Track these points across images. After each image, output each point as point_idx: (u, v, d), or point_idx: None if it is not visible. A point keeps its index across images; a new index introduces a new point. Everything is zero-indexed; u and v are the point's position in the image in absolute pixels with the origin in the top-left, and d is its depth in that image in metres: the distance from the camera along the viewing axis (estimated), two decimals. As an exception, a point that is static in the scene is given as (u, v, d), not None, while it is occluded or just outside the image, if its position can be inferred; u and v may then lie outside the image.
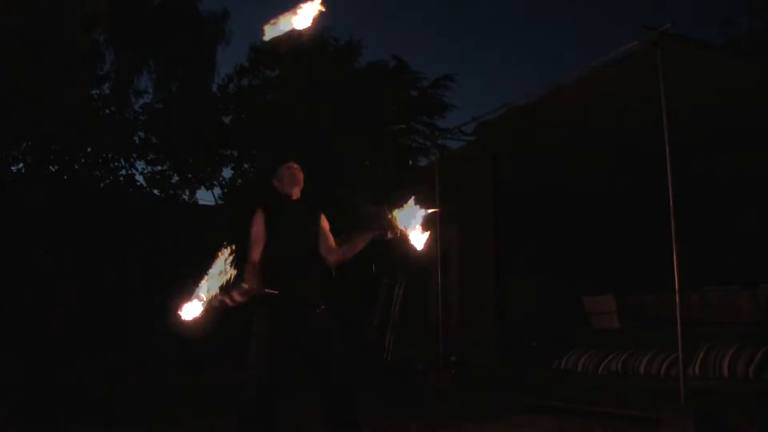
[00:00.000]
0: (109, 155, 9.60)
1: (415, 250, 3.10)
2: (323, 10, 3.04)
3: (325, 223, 3.44)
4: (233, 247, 3.03)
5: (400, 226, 3.10)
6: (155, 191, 10.11)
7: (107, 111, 9.98)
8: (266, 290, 3.09)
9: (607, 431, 4.66)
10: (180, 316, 2.97)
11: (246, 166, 11.34)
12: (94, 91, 9.75)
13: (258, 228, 3.29)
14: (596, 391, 5.13)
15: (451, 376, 7.04)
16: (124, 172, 9.78)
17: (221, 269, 2.99)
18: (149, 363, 7.64)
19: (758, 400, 4.09)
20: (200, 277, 3.00)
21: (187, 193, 10.36)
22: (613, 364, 5.45)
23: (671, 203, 4.49)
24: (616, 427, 4.68)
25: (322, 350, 3.19)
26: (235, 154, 11.17)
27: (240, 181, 11.32)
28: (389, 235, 3.12)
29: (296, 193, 3.41)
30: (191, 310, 2.97)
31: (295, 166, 3.46)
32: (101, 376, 7.14)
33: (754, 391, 4.21)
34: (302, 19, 3.09)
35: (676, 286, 4.41)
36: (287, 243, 3.28)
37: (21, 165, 9.01)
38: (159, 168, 10.13)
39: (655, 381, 4.98)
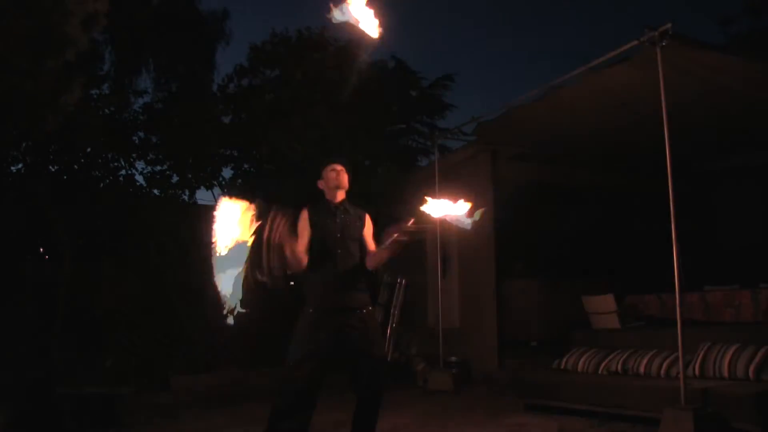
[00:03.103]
0: (109, 155, 9.59)
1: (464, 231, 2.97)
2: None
3: (368, 225, 3.42)
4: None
5: (421, 224, 3.02)
6: (155, 191, 10.11)
7: (107, 111, 9.97)
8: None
9: (607, 431, 4.67)
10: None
11: (246, 166, 11.34)
12: (93, 91, 9.74)
13: (303, 225, 3.29)
14: (596, 391, 5.13)
15: (451, 376, 7.04)
16: (123, 172, 9.78)
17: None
18: (150, 362, 7.64)
19: (758, 400, 4.09)
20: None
21: (187, 193, 10.35)
22: (613, 364, 5.45)
23: (671, 203, 4.49)
24: (616, 427, 4.68)
25: (363, 353, 3.20)
26: (235, 154, 11.17)
27: (240, 181, 11.32)
28: (409, 239, 3.08)
29: (340, 195, 3.38)
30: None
31: (339, 167, 3.40)
32: (102, 376, 7.14)
33: (754, 391, 4.21)
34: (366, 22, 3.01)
35: (676, 286, 4.41)
36: (330, 246, 3.27)
37: (21, 165, 9.01)
38: (159, 168, 10.13)
39: (655, 381, 4.98)
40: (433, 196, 3.00)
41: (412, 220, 3.05)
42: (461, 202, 2.91)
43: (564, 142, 7.21)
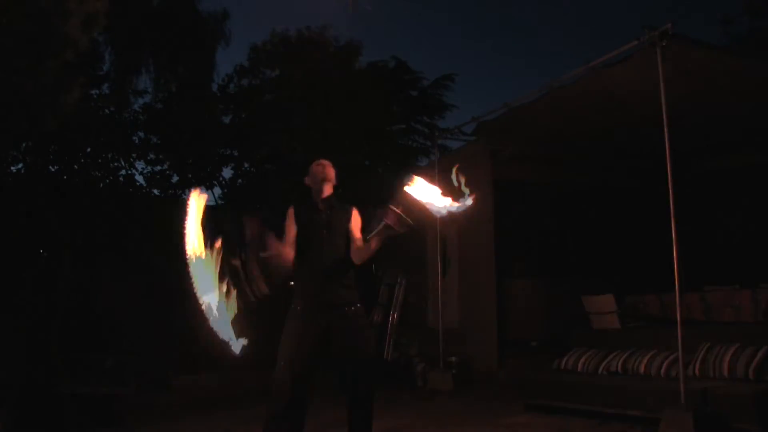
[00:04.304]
0: (109, 155, 9.59)
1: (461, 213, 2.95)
2: None
3: (355, 220, 3.38)
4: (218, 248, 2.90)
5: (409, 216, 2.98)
6: (155, 191, 10.12)
7: (107, 111, 9.97)
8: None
9: (607, 431, 4.66)
10: (231, 353, 2.90)
11: (246, 166, 11.35)
12: (93, 91, 9.74)
13: (289, 222, 3.27)
14: (596, 391, 5.13)
15: (451, 376, 7.04)
16: (123, 172, 9.79)
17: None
18: (150, 362, 7.64)
19: (758, 400, 4.09)
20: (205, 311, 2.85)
21: (187, 193, 10.35)
22: (613, 364, 5.45)
23: (671, 203, 4.49)
24: (616, 427, 4.68)
25: (350, 351, 3.18)
26: (235, 154, 11.18)
27: (240, 181, 11.33)
28: (400, 229, 3.00)
29: (327, 189, 3.34)
30: (237, 345, 2.89)
31: (324, 161, 3.38)
32: (102, 376, 7.14)
33: (754, 391, 4.21)
34: None
35: (676, 286, 4.41)
36: (316, 242, 3.25)
37: (21, 165, 9.01)
38: (159, 168, 10.14)
39: (655, 381, 4.97)
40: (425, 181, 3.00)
41: (400, 208, 2.99)
42: (443, 197, 2.93)
43: (564, 142, 7.21)
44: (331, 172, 3.36)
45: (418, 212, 2.97)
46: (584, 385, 5.31)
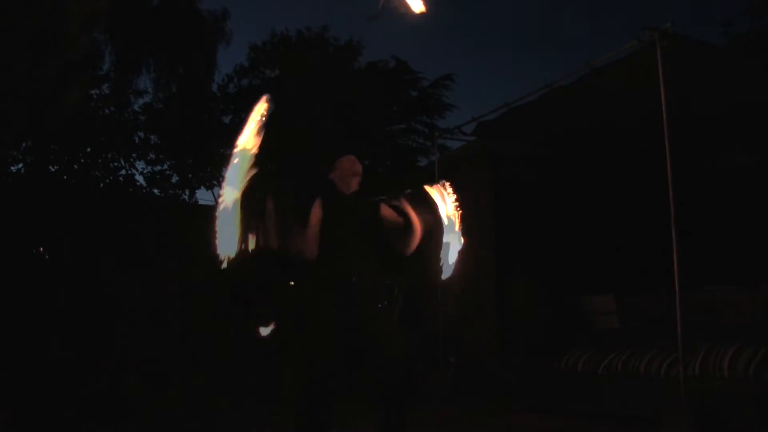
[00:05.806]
0: (109, 155, 9.59)
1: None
2: None
3: (387, 212, 3.31)
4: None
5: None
6: (155, 191, 10.12)
7: (107, 111, 9.97)
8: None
9: (606, 431, 4.67)
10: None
11: (246, 166, 11.35)
12: (93, 91, 9.74)
13: (315, 217, 3.17)
14: (596, 391, 5.13)
15: (451, 376, 7.03)
16: (123, 172, 9.79)
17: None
18: (149, 362, 7.64)
19: (758, 400, 4.09)
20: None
21: (187, 193, 10.36)
22: (613, 364, 5.45)
23: (671, 203, 4.49)
24: (616, 427, 4.68)
25: (380, 350, 3.11)
26: (235, 154, 11.18)
27: (240, 180, 11.33)
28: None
29: (355, 183, 3.30)
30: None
31: (352, 157, 3.35)
32: (101, 375, 7.14)
33: (754, 391, 4.21)
34: None
35: (676, 286, 4.41)
36: (343, 240, 3.17)
37: (21, 165, 9.01)
38: (159, 168, 10.14)
39: (655, 381, 4.97)
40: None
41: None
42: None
43: (564, 142, 7.21)
44: (359, 167, 3.32)
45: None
46: (584, 385, 5.31)
